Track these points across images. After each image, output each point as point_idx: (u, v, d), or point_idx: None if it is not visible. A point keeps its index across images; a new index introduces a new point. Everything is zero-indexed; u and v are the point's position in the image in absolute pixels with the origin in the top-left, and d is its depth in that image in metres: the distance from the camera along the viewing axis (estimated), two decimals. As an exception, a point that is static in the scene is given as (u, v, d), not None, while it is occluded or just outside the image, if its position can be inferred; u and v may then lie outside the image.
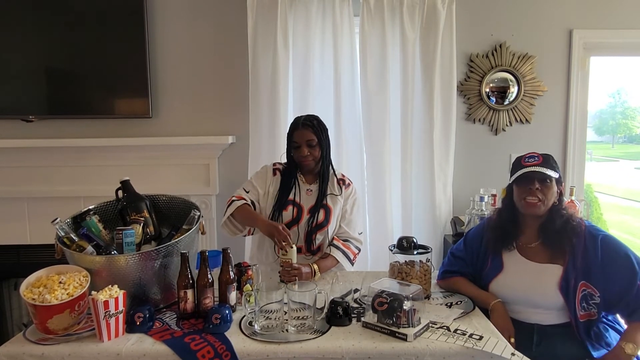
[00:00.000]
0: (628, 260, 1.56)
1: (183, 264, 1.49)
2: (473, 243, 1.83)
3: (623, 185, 5.93)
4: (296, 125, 2.00)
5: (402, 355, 1.29)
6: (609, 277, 1.57)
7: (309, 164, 2.00)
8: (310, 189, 2.05)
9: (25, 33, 2.64)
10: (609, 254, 1.58)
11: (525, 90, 2.80)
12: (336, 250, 2.01)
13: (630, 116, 5.90)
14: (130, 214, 1.71)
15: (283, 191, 2.02)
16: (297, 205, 2.01)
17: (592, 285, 1.58)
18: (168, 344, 1.31)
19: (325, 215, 2.01)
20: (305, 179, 2.07)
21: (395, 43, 2.68)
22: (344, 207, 2.08)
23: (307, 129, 1.98)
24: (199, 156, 2.78)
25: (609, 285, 1.57)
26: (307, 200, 2.03)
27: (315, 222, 1.99)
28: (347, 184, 2.11)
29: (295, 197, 2.02)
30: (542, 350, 1.59)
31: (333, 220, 2.04)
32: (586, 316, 1.59)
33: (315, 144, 1.98)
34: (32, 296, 1.35)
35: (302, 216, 2.00)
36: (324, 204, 2.03)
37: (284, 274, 1.79)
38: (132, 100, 2.74)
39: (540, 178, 1.63)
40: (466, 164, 2.86)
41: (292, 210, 2.00)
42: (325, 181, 2.04)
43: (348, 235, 2.06)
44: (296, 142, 1.98)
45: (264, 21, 2.62)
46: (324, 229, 2.01)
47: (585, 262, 1.59)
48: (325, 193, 2.04)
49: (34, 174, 2.75)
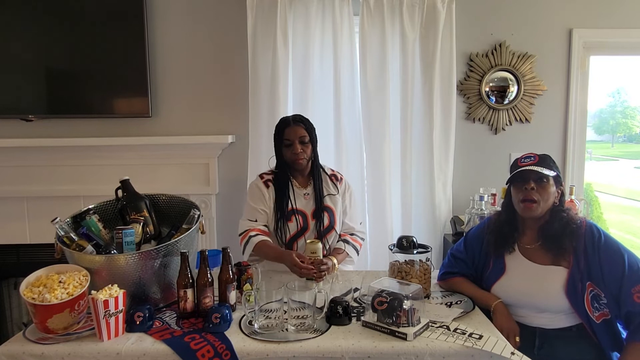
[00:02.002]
0: (622, 259, 1.54)
1: (183, 264, 1.49)
2: (474, 244, 1.80)
3: (623, 184, 5.92)
4: (287, 122, 1.98)
5: (401, 354, 1.29)
6: (605, 277, 1.55)
7: (302, 162, 1.97)
8: (307, 193, 2.03)
9: (25, 32, 2.64)
10: (607, 255, 1.56)
11: (525, 89, 2.80)
12: (347, 244, 2.05)
13: (630, 115, 5.89)
14: (130, 214, 1.71)
15: (282, 201, 1.97)
16: (300, 213, 1.99)
17: (597, 286, 1.55)
18: (168, 343, 1.31)
19: (329, 217, 2.02)
20: (298, 183, 2.04)
21: (395, 42, 2.68)
22: (343, 204, 2.09)
23: (299, 125, 1.97)
24: (198, 155, 2.78)
25: (608, 286, 1.55)
26: (307, 206, 2.01)
27: (323, 227, 1.99)
28: (340, 179, 2.12)
29: (296, 205, 1.99)
30: (543, 354, 1.58)
31: (338, 220, 2.06)
32: (601, 316, 1.55)
33: (308, 140, 1.97)
34: (32, 295, 1.35)
35: (309, 223, 1.99)
36: (326, 206, 2.02)
37: (314, 272, 1.75)
38: (131, 99, 2.73)
39: (536, 177, 1.61)
40: (466, 164, 2.86)
41: (297, 220, 1.98)
42: (319, 181, 2.03)
43: (353, 229, 2.13)
44: (288, 140, 1.95)
45: (263, 21, 2.62)
46: (331, 232, 2.03)
47: (587, 263, 1.57)
48: (323, 194, 2.03)
49: (34, 173, 2.75)
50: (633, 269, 1.53)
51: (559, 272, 1.60)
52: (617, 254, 1.56)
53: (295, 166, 2.00)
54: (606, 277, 1.55)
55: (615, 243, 1.59)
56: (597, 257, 1.56)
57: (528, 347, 1.56)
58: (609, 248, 1.57)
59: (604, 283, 1.55)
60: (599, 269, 1.56)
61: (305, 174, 2.05)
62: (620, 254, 1.56)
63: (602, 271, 1.55)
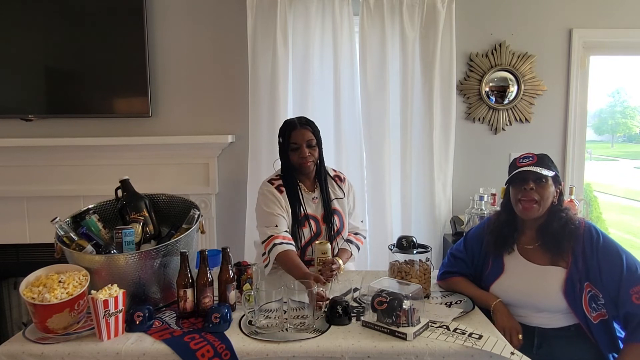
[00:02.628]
0: (620, 261, 1.54)
1: (182, 263, 1.49)
2: (473, 244, 1.81)
3: (623, 184, 5.93)
4: (293, 126, 1.92)
5: (401, 354, 1.29)
6: (604, 278, 1.55)
7: (310, 166, 1.93)
8: (315, 197, 2.01)
9: (25, 32, 2.63)
10: (605, 256, 1.56)
11: (525, 89, 2.80)
12: (351, 244, 2.07)
13: (629, 115, 5.90)
14: (129, 213, 1.71)
15: (296, 206, 1.93)
16: (313, 219, 1.97)
17: (595, 287, 1.56)
18: (167, 343, 1.31)
19: (339, 221, 2.03)
20: (306, 187, 2.01)
21: (395, 42, 2.68)
22: (348, 205, 2.10)
23: (306, 128, 1.92)
24: (198, 155, 2.78)
25: (606, 286, 1.55)
26: (317, 210, 2.00)
27: (334, 231, 1.99)
28: (343, 179, 2.12)
29: (307, 210, 1.97)
30: (542, 354, 1.58)
31: (346, 223, 2.07)
32: (599, 317, 1.55)
33: (315, 144, 1.93)
34: (32, 295, 1.35)
35: (321, 228, 1.99)
36: (335, 210, 2.01)
37: (325, 272, 1.72)
38: (131, 99, 2.73)
39: (534, 177, 1.61)
40: (466, 163, 2.86)
41: (310, 225, 1.96)
42: (325, 185, 2.02)
43: (357, 228, 2.15)
44: (295, 144, 1.90)
45: (263, 21, 2.62)
46: (341, 235, 2.03)
47: (585, 264, 1.57)
48: (330, 198, 2.02)
49: (34, 173, 2.75)
50: (631, 270, 1.53)
51: (557, 272, 1.60)
52: (616, 255, 1.56)
53: (302, 170, 1.95)
54: (604, 278, 1.55)
55: (614, 244, 1.59)
56: (596, 258, 1.56)
57: (527, 346, 1.56)
58: (607, 249, 1.57)
59: (602, 284, 1.55)
60: (597, 269, 1.56)
61: (312, 178, 2.03)
62: (619, 255, 1.56)
63: (601, 272, 1.55)
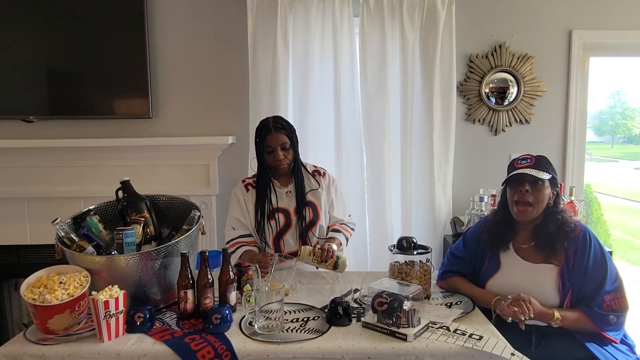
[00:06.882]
0: (605, 269, 1.59)
1: (183, 264, 1.49)
2: (472, 242, 1.84)
3: (623, 185, 5.93)
4: (268, 129, 1.95)
5: (401, 355, 1.29)
6: (587, 281, 1.59)
7: (284, 168, 1.98)
8: (289, 191, 2.04)
9: (26, 33, 2.64)
10: (594, 262, 1.60)
11: (525, 90, 2.80)
12: (338, 233, 2.07)
13: (629, 116, 5.91)
14: (130, 214, 1.71)
15: (263, 201, 2.00)
16: (283, 211, 2.01)
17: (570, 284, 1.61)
18: (168, 344, 1.32)
19: (312, 212, 2.03)
20: (280, 183, 2.05)
21: (395, 43, 2.68)
22: (329, 197, 2.10)
23: (280, 132, 1.95)
24: (199, 156, 2.78)
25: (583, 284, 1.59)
26: (290, 203, 2.03)
27: (305, 222, 2.00)
28: (322, 174, 2.13)
29: (278, 204, 2.01)
30: (540, 352, 1.59)
31: (322, 215, 2.06)
32: None
33: (289, 146, 1.96)
34: (33, 296, 1.35)
35: (291, 220, 2.01)
36: (308, 202, 2.03)
37: (323, 255, 1.79)
38: (132, 100, 2.74)
39: (531, 180, 1.63)
40: (466, 165, 2.86)
41: (279, 218, 2.00)
42: (300, 180, 2.04)
43: (342, 220, 2.14)
44: (270, 147, 1.94)
45: (263, 21, 2.62)
46: (315, 226, 2.03)
47: (574, 264, 1.62)
48: (304, 191, 2.04)
49: (35, 174, 2.76)
50: (612, 279, 1.60)
51: (550, 269, 1.64)
52: (603, 261, 1.61)
53: (277, 171, 2.02)
54: (588, 281, 1.60)
55: (604, 251, 1.64)
56: (585, 262, 1.61)
57: (525, 345, 1.56)
58: (597, 254, 1.62)
59: (583, 281, 1.60)
60: (583, 273, 1.60)
61: (287, 175, 2.07)
62: (605, 262, 1.61)
63: (585, 276, 1.60)
